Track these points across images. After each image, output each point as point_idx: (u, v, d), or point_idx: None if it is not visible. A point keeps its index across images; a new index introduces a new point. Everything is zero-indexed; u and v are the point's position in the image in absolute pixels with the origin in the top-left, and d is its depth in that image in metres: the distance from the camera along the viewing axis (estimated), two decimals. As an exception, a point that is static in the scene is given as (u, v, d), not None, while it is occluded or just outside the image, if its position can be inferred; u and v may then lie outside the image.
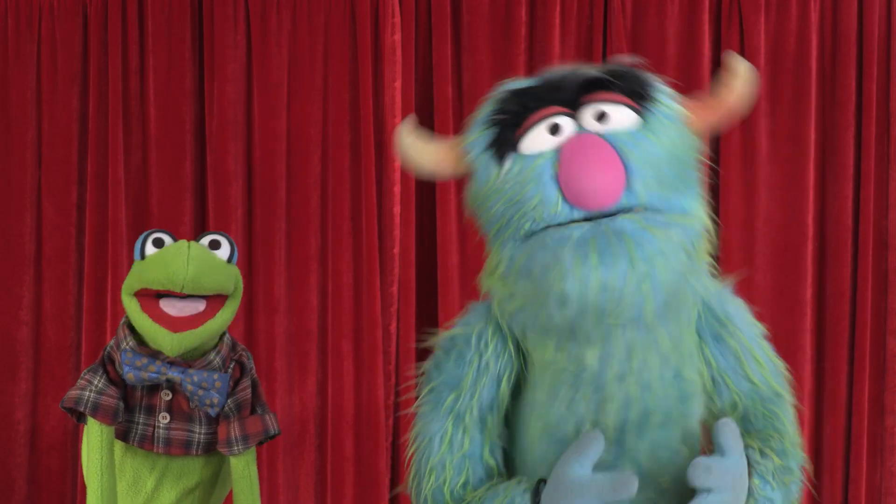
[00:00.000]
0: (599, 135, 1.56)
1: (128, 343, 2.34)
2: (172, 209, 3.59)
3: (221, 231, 2.49)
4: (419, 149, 1.73)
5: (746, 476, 1.58)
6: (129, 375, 2.32)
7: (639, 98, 1.61)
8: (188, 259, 2.28)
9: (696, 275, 1.61)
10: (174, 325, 2.28)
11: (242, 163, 3.60)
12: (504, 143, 1.61)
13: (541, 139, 1.59)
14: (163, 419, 2.40)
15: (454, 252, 3.54)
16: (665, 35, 3.51)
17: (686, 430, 1.63)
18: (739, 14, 3.50)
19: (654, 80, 1.66)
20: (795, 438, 1.75)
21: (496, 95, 1.67)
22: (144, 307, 2.31)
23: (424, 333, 2.91)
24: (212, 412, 2.37)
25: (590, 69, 1.64)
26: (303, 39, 3.57)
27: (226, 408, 2.38)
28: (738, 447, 1.57)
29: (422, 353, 1.90)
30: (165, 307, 2.30)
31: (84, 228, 3.63)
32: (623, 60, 1.67)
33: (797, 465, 1.72)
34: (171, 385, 2.37)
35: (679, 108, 1.64)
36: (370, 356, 3.53)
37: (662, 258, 1.49)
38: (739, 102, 1.69)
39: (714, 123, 1.69)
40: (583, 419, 1.61)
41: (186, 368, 2.33)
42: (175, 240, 2.37)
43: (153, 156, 3.60)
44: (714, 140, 3.40)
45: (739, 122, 3.36)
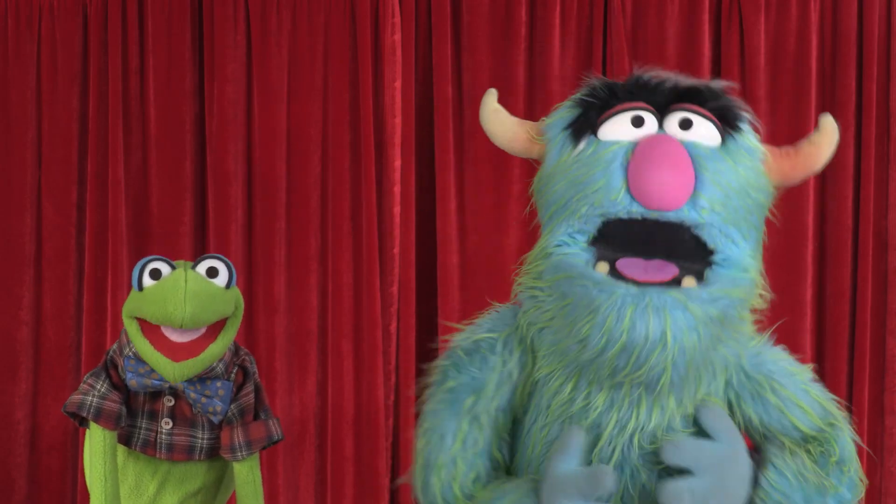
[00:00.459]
0: (680, 141, 1.56)
1: (130, 349, 2.34)
2: (172, 209, 3.59)
3: (219, 255, 2.46)
4: (502, 119, 1.74)
5: (740, 462, 1.55)
6: (132, 382, 2.32)
7: (726, 122, 1.60)
8: (185, 297, 2.26)
9: (729, 341, 1.60)
10: (175, 354, 2.28)
11: (242, 163, 3.60)
12: (584, 124, 1.61)
13: (622, 128, 1.58)
14: (165, 424, 2.39)
15: (454, 252, 3.54)
16: (665, 35, 3.51)
17: None
18: (739, 14, 3.50)
19: (746, 112, 1.65)
20: (849, 464, 1.69)
21: (590, 82, 1.67)
22: (145, 331, 2.30)
23: (434, 336, 2.92)
24: (214, 419, 2.37)
25: (686, 79, 1.64)
26: (303, 39, 3.57)
27: (229, 413, 2.38)
28: (725, 431, 1.55)
29: (422, 354, 1.90)
30: (166, 332, 2.30)
31: (84, 228, 3.63)
32: (721, 84, 1.66)
33: (843, 486, 1.66)
34: (174, 391, 2.37)
35: (760, 147, 1.64)
36: (370, 356, 3.53)
37: (695, 335, 1.47)
38: (821, 160, 1.67)
39: (790, 174, 1.68)
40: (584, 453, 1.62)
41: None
42: (173, 266, 2.35)
43: (153, 156, 3.59)
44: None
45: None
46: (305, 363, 3.58)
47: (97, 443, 2.33)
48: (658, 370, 1.48)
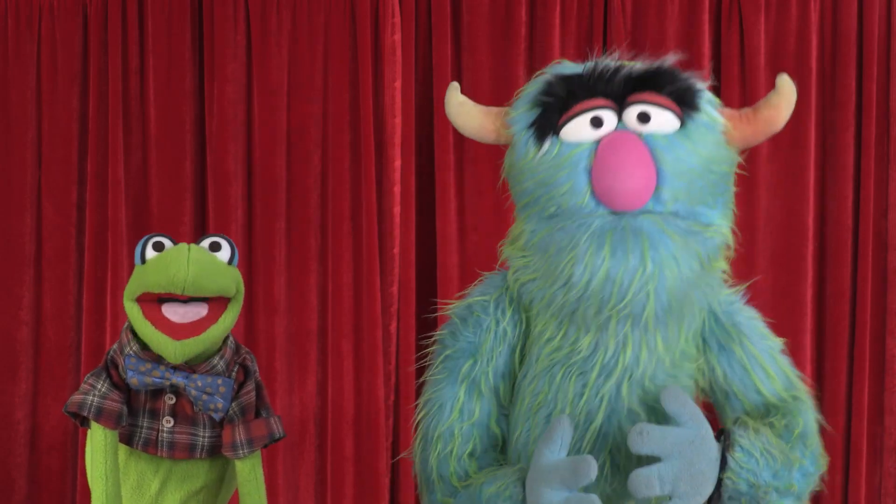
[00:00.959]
0: (639, 135, 1.59)
1: (131, 347, 2.34)
2: (172, 209, 3.59)
3: (221, 233, 2.48)
4: (467, 110, 1.77)
5: (707, 445, 1.56)
6: (133, 380, 2.32)
7: (683, 103, 1.63)
8: (188, 261, 2.28)
9: (706, 284, 1.63)
10: (176, 333, 2.28)
11: (242, 163, 3.60)
12: (546, 126, 1.64)
13: (582, 130, 1.62)
14: (167, 423, 2.40)
15: (454, 252, 3.54)
16: (665, 35, 3.51)
17: None
18: (739, 14, 3.50)
19: (701, 87, 1.68)
20: (812, 438, 1.74)
21: (546, 77, 1.69)
22: (147, 313, 2.30)
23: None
24: (216, 417, 2.37)
25: (641, 66, 1.68)
26: (303, 39, 3.57)
27: (230, 411, 2.38)
28: (689, 415, 1.56)
29: (422, 353, 1.90)
30: (168, 313, 2.30)
31: (84, 228, 3.63)
32: (671, 60, 1.68)
33: (806, 459, 1.70)
34: (175, 389, 2.37)
35: (720, 119, 1.66)
36: (370, 356, 3.53)
37: (674, 263, 1.51)
38: (780, 121, 1.69)
39: (752, 138, 1.70)
40: (567, 403, 1.64)
41: (190, 373, 2.33)
42: (175, 243, 2.37)
43: (153, 156, 3.60)
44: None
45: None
46: (305, 363, 3.58)
47: (98, 442, 2.33)
48: (641, 297, 1.51)
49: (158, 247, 2.34)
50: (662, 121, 1.61)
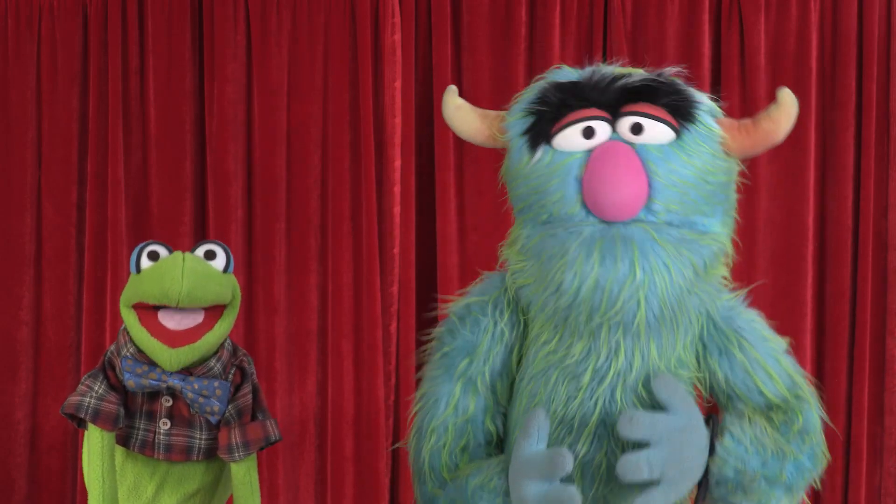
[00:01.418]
0: (631, 145, 1.58)
1: (128, 350, 2.34)
2: (172, 209, 3.59)
3: (217, 240, 2.47)
4: (464, 114, 1.78)
5: (697, 432, 1.56)
6: (130, 382, 2.32)
7: (679, 114, 1.62)
8: (183, 273, 2.26)
9: (703, 291, 1.63)
10: (172, 341, 2.28)
11: (242, 163, 3.60)
12: (539, 134, 1.65)
13: (575, 139, 1.62)
14: (163, 425, 2.39)
15: (454, 252, 3.54)
16: (665, 35, 3.51)
17: None
18: (739, 14, 3.50)
19: (698, 98, 1.67)
20: (812, 435, 1.72)
21: (541, 84, 1.70)
22: (143, 320, 2.30)
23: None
24: (212, 419, 2.37)
25: (637, 76, 1.66)
26: (303, 39, 3.57)
27: (226, 414, 2.38)
28: (680, 402, 1.56)
29: (422, 353, 1.90)
30: (163, 320, 2.29)
31: (84, 228, 3.63)
32: (669, 72, 1.68)
33: (803, 454, 1.69)
34: (172, 391, 2.37)
35: (717, 130, 1.65)
36: (370, 356, 3.53)
37: (665, 271, 1.52)
38: (780, 134, 1.69)
39: (751, 150, 1.69)
40: (561, 405, 1.64)
41: (187, 376, 2.33)
42: (170, 251, 2.36)
43: (153, 156, 3.60)
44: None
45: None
46: (305, 363, 3.58)
47: (95, 444, 2.33)
48: (632, 305, 1.51)
49: (153, 256, 2.33)
50: (656, 132, 1.60)
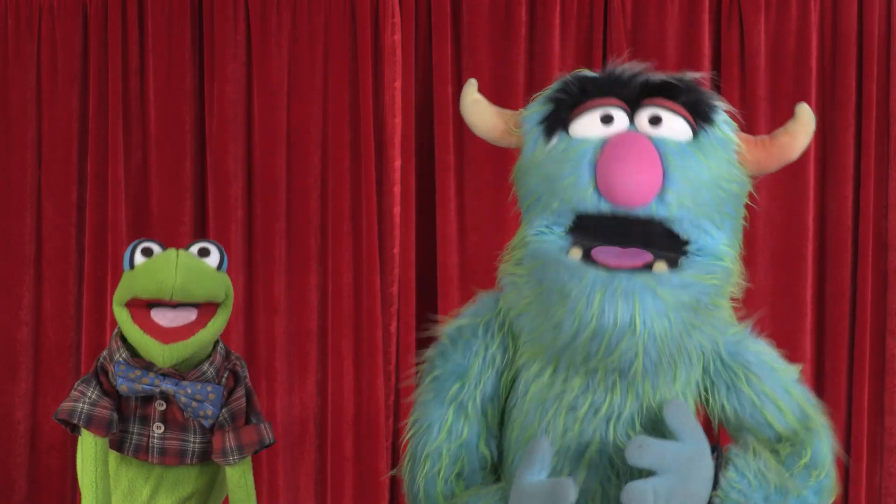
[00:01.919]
0: (649, 137, 1.57)
1: (121, 354, 2.33)
2: (172, 209, 3.59)
3: (211, 239, 2.48)
4: (481, 110, 1.77)
5: (703, 463, 1.54)
6: (123, 387, 2.32)
7: (698, 114, 1.61)
8: (177, 267, 2.27)
9: (708, 326, 1.61)
10: (165, 337, 2.28)
11: (242, 163, 3.60)
12: (556, 121, 1.63)
13: (592, 126, 1.60)
14: (157, 429, 2.39)
15: (454, 252, 3.54)
16: (665, 35, 3.51)
17: None
18: (739, 14, 3.50)
19: (718, 104, 1.66)
20: (820, 470, 1.68)
21: (563, 77, 1.69)
22: (135, 318, 2.30)
23: (426, 324, 2.93)
24: (206, 424, 2.37)
25: (658, 74, 1.65)
26: (303, 39, 3.57)
27: (220, 417, 2.38)
28: (690, 431, 1.55)
29: (422, 353, 1.90)
30: (156, 317, 2.29)
31: (84, 228, 3.63)
32: (692, 75, 1.66)
33: (807, 490, 1.65)
34: (165, 395, 2.37)
35: (734, 138, 1.64)
36: (370, 356, 3.53)
37: (666, 321, 1.50)
38: (797, 149, 1.67)
39: (766, 164, 1.67)
40: (557, 436, 1.63)
41: (180, 380, 2.33)
42: (164, 248, 2.36)
43: (153, 156, 3.59)
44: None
45: (739, 122, 3.36)
46: (305, 363, 3.58)
47: (88, 449, 2.33)
48: (629, 356, 1.50)
49: (147, 252, 2.33)
50: (674, 126, 1.59)
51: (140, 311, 2.30)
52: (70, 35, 3.61)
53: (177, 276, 2.25)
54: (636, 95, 1.63)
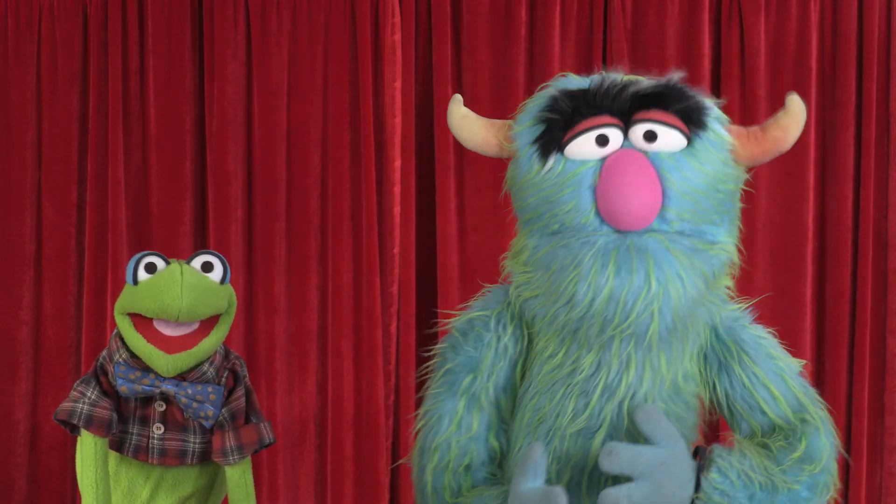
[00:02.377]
0: (645, 153, 1.57)
1: (120, 355, 2.33)
2: (172, 209, 3.59)
3: (213, 251, 2.47)
4: (470, 123, 1.76)
5: (679, 466, 1.52)
6: (123, 388, 2.32)
7: (690, 121, 1.61)
8: (182, 289, 2.26)
9: (710, 301, 1.62)
10: (169, 347, 2.27)
11: (242, 163, 3.60)
12: (550, 142, 1.62)
13: (588, 148, 1.60)
14: (157, 430, 2.39)
15: (454, 252, 3.54)
16: (665, 35, 3.51)
17: None
18: (739, 14, 3.50)
19: (708, 105, 1.65)
20: (815, 464, 1.65)
21: (551, 91, 1.67)
22: (138, 327, 2.30)
23: (428, 323, 2.92)
24: (206, 424, 2.37)
25: (648, 83, 1.64)
26: (303, 39, 3.57)
27: (220, 417, 2.38)
28: (664, 435, 1.53)
29: (422, 355, 1.90)
30: (159, 327, 2.29)
31: (84, 228, 3.63)
32: (679, 76, 1.66)
33: (800, 485, 1.63)
34: (165, 396, 2.37)
35: (727, 138, 1.63)
36: (370, 356, 3.53)
37: (679, 282, 1.50)
38: (789, 141, 1.67)
39: (759, 157, 1.67)
40: (567, 420, 1.63)
41: (180, 381, 2.33)
42: (167, 262, 2.35)
43: (153, 156, 3.60)
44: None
45: (739, 123, 3.36)
46: (305, 363, 3.58)
47: (88, 450, 2.33)
48: (646, 317, 1.50)
49: (150, 268, 2.32)
50: (669, 139, 1.59)
51: (143, 321, 2.30)
52: (70, 35, 3.61)
53: (182, 299, 2.25)
54: (628, 109, 1.61)
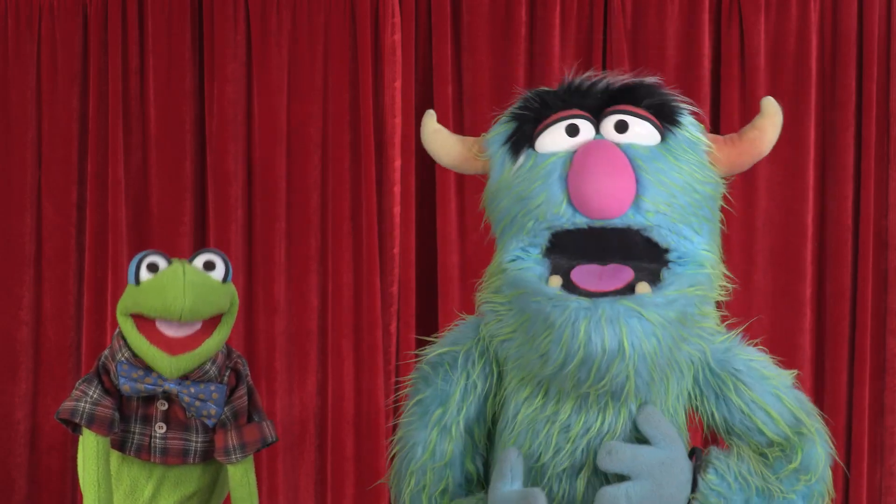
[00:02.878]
0: (616, 144, 1.55)
1: (123, 354, 2.33)
2: (172, 209, 3.59)
3: (215, 249, 2.47)
4: (442, 140, 1.74)
5: (677, 466, 1.53)
6: (126, 387, 2.32)
7: (663, 118, 1.59)
8: (184, 288, 2.26)
9: (696, 337, 1.59)
10: (172, 348, 2.28)
11: (242, 163, 3.60)
12: (521, 138, 1.61)
13: (558, 139, 1.58)
14: (159, 429, 2.39)
15: (454, 252, 3.54)
16: (665, 35, 3.51)
17: None
18: (739, 14, 3.50)
19: (685, 106, 1.64)
20: (811, 474, 1.66)
21: (524, 94, 1.66)
22: (141, 328, 2.30)
23: (426, 324, 2.89)
24: (209, 423, 2.37)
25: (619, 78, 1.63)
26: (303, 39, 3.57)
27: (222, 416, 2.38)
28: (664, 436, 1.54)
29: (422, 353, 1.90)
30: (162, 328, 2.30)
31: (84, 228, 3.63)
32: (653, 79, 1.64)
33: (795, 494, 1.64)
34: (168, 395, 2.37)
35: (703, 139, 1.62)
36: (370, 356, 3.53)
37: (654, 339, 1.47)
38: (766, 143, 1.66)
39: (738, 161, 1.66)
40: (550, 456, 1.62)
41: (183, 380, 2.33)
42: (169, 261, 2.35)
43: (153, 156, 3.60)
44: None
45: (738, 122, 3.36)
46: (305, 363, 3.58)
47: (90, 449, 2.33)
48: (620, 379, 1.48)
49: (153, 268, 2.32)
50: (641, 131, 1.57)
51: (145, 321, 2.30)
52: (70, 35, 3.61)
53: (185, 298, 2.25)
54: (599, 104, 1.60)
